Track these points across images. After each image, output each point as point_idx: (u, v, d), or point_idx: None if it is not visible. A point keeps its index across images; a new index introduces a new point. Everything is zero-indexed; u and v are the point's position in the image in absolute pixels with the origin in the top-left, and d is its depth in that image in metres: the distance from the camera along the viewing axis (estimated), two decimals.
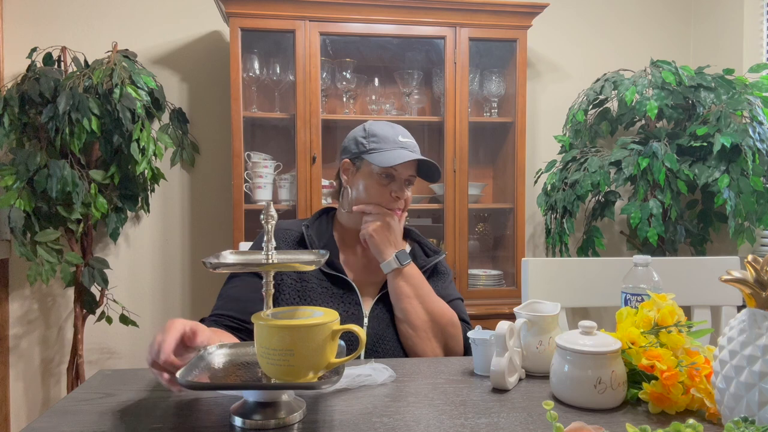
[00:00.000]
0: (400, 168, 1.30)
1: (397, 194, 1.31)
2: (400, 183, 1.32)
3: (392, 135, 1.32)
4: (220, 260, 0.87)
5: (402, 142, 1.31)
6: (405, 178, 1.33)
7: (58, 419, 0.84)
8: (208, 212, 2.62)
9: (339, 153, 1.41)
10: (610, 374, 0.87)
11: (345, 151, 1.37)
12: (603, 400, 0.87)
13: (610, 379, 0.87)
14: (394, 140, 1.31)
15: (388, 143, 1.31)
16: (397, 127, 1.35)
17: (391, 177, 1.31)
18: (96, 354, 2.55)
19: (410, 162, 1.30)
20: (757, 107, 2.16)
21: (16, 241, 2.18)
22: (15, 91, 2.20)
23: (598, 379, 0.87)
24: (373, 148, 1.31)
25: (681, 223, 2.33)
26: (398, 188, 1.31)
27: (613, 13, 2.89)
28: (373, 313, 1.28)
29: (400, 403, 0.91)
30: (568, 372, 0.89)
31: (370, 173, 1.31)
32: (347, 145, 1.37)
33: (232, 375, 0.87)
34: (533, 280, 1.50)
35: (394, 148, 1.30)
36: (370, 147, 1.31)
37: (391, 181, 1.31)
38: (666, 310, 0.97)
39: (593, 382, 0.87)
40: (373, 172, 1.31)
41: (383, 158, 1.29)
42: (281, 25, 2.26)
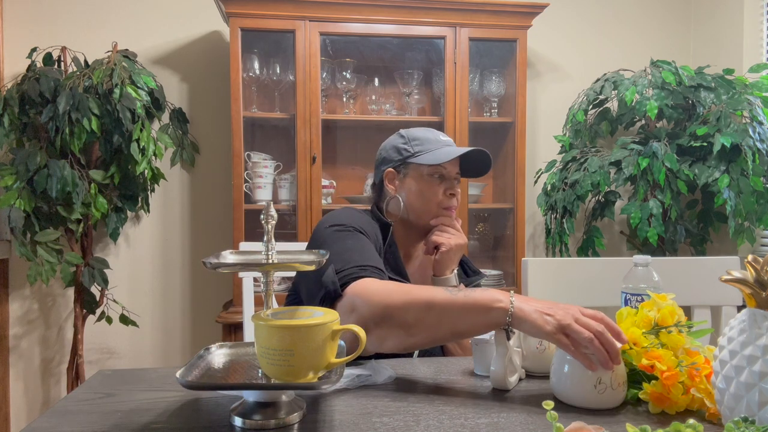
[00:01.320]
0: (449, 166, 1.30)
1: (452, 191, 1.31)
2: (451, 181, 1.32)
3: (433, 135, 1.33)
4: (220, 260, 0.87)
5: (444, 140, 1.32)
6: (453, 176, 1.33)
7: (58, 419, 0.84)
8: (208, 212, 2.62)
9: (377, 165, 1.38)
10: (611, 374, 0.87)
11: (385, 162, 1.34)
12: (603, 400, 0.87)
13: (611, 380, 0.86)
14: (436, 140, 1.32)
15: (432, 143, 1.31)
16: (433, 129, 1.37)
17: (442, 176, 1.31)
18: (96, 354, 2.55)
19: (455, 159, 1.30)
20: (757, 107, 2.16)
21: (16, 241, 2.18)
22: (15, 91, 2.20)
23: (599, 379, 0.87)
24: (418, 150, 1.30)
25: (681, 223, 2.33)
26: (451, 186, 1.31)
27: (613, 13, 2.89)
28: None
29: (400, 403, 0.91)
30: (568, 372, 0.89)
31: (420, 176, 1.30)
32: (387, 155, 1.34)
33: (232, 375, 0.87)
34: (533, 280, 1.50)
35: (440, 147, 1.30)
36: (415, 150, 1.31)
37: (442, 180, 1.31)
38: (666, 311, 0.97)
39: (593, 383, 0.87)
40: (423, 174, 1.30)
41: (433, 157, 1.27)
42: (281, 25, 2.26)
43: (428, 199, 1.30)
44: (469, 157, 1.32)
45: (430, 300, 0.95)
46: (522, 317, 0.90)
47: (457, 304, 0.94)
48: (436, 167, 1.29)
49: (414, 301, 0.96)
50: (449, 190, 1.31)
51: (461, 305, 0.93)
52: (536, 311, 0.89)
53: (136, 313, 2.53)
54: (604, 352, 0.84)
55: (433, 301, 0.94)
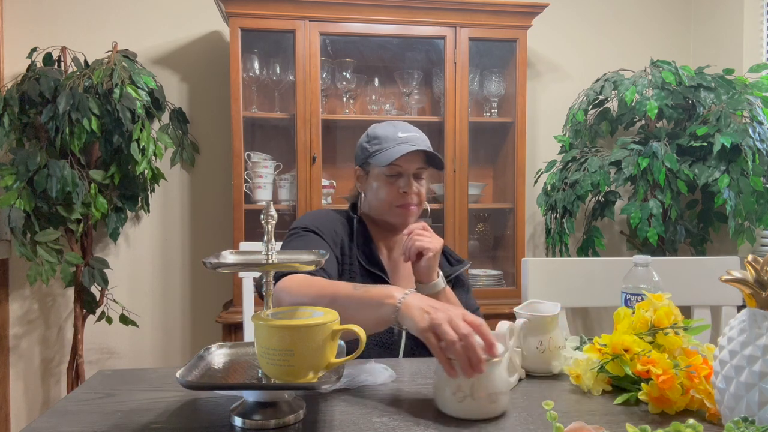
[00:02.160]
0: (404, 163, 1.31)
1: (404, 189, 1.32)
2: (407, 178, 1.32)
3: (392, 133, 1.34)
4: (220, 260, 0.87)
5: (402, 137, 1.32)
6: (412, 172, 1.33)
7: (58, 419, 0.84)
8: (208, 212, 2.62)
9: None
10: (471, 383, 0.82)
11: (356, 159, 1.41)
12: (461, 408, 0.83)
13: (471, 389, 0.82)
14: (394, 138, 1.32)
15: (388, 142, 1.32)
16: (399, 124, 1.37)
17: (398, 174, 1.33)
18: (96, 354, 2.55)
19: (415, 155, 1.31)
20: (757, 107, 2.16)
21: (16, 241, 2.18)
22: (15, 91, 2.20)
23: (458, 386, 0.83)
24: (375, 150, 1.33)
25: (681, 223, 2.33)
26: (405, 183, 1.32)
27: (613, 13, 2.89)
28: None
29: (400, 403, 0.91)
30: (436, 375, 0.87)
31: (378, 175, 1.34)
32: (356, 153, 1.41)
33: (232, 375, 0.87)
34: (533, 280, 1.50)
35: (395, 145, 1.31)
36: (373, 150, 1.34)
37: (398, 178, 1.33)
38: (662, 311, 0.97)
39: (453, 389, 0.83)
40: (380, 174, 1.33)
41: (384, 157, 1.30)
42: (281, 25, 2.26)
43: (382, 197, 1.34)
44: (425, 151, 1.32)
45: (334, 294, 1.01)
46: (405, 313, 0.91)
47: (355, 299, 0.98)
48: (390, 166, 1.31)
49: (321, 296, 1.02)
50: (402, 188, 1.32)
51: (358, 300, 0.98)
52: (419, 308, 0.90)
53: (136, 313, 2.53)
54: (465, 358, 0.81)
55: (337, 296, 1.00)
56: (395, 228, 1.38)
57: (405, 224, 1.35)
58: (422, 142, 1.34)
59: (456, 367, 0.82)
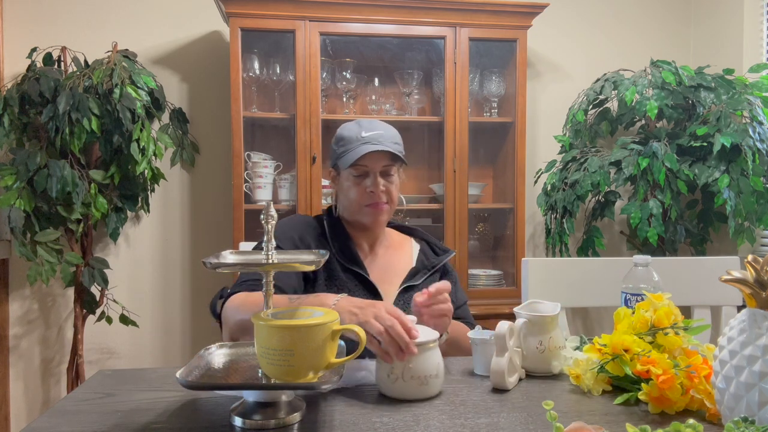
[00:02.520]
0: (369, 163, 1.31)
1: (371, 189, 1.32)
2: (373, 177, 1.32)
3: (356, 133, 1.33)
4: (220, 260, 0.87)
5: (365, 137, 1.32)
6: (379, 170, 1.33)
7: (58, 419, 0.84)
8: (208, 212, 2.62)
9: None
10: (403, 366, 0.91)
11: (330, 161, 1.42)
12: (394, 389, 0.92)
13: (402, 372, 0.91)
14: (357, 138, 1.32)
15: (352, 143, 1.32)
16: (363, 123, 1.36)
17: (365, 174, 1.33)
18: (96, 354, 2.55)
19: (380, 154, 1.30)
20: (757, 107, 2.16)
21: (16, 241, 2.18)
22: (15, 91, 2.20)
23: (391, 368, 0.92)
24: (342, 151, 1.34)
25: (681, 223, 2.33)
26: (371, 183, 1.32)
27: (613, 13, 2.89)
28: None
29: (400, 403, 0.91)
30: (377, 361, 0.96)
31: (347, 176, 1.34)
32: (330, 155, 1.41)
33: (232, 375, 0.87)
34: (533, 280, 1.50)
35: (358, 146, 1.31)
36: (339, 152, 1.34)
37: (365, 177, 1.33)
38: (662, 311, 0.97)
39: (387, 372, 0.93)
40: (349, 174, 1.34)
41: (348, 158, 1.31)
42: (281, 25, 2.26)
43: (352, 198, 1.34)
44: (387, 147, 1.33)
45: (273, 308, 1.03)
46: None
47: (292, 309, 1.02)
48: (356, 167, 1.32)
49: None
50: (368, 188, 1.32)
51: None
52: (348, 311, 0.98)
53: (136, 313, 2.52)
54: (395, 344, 0.91)
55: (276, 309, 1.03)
56: (369, 227, 1.38)
57: (377, 223, 1.35)
58: (387, 139, 1.33)
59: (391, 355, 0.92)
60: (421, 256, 1.43)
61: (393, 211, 1.39)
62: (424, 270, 1.39)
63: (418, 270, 1.39)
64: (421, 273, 1.38)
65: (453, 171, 2.39)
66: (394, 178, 1.36)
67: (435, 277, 1.40)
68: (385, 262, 1.40)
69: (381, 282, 1.34)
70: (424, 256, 1.43)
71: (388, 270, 1.38)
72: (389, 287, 1.35)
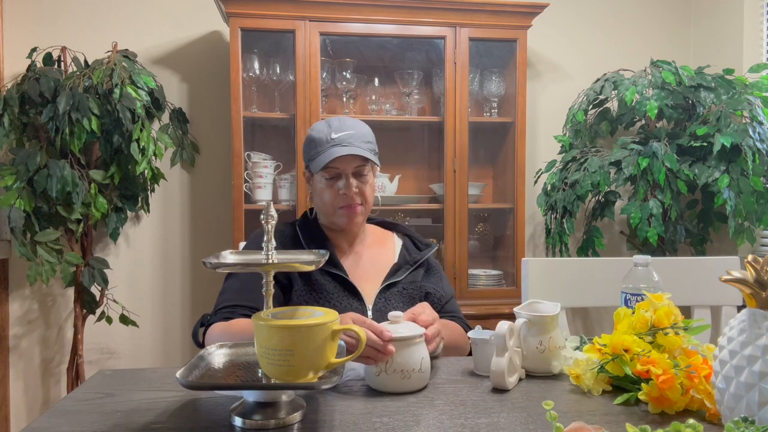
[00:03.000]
0: (340, 164, 1.29)
1: (343, 191, 1.30)
2: (345, 179, 1.30)
3: (325, 134, 1.30)
4: (220, 260, 0.87)
5: (334, 138, 1.29)
6: (351, 172, 1.30)
7: (58, 419, 0.84)
8: (208, 212, 2.62)
9: None
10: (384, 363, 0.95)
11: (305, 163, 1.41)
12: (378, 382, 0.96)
13: (385, 366, 0.95)
14: (327, 140, 1.29)
15: (321, 145, 1.30)
16: (333, 123, 1.33)
17: (337, 176, 1.31)
18: (96, 354, 2.55)
19: (351, 155, 1.28)
20: (757, 107, 2.16)
21: (16, 241, 2.18)
22: (15, 91, 2.20)
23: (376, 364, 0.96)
24: (313, 154, 1.31)
25: (681, 223, 2.33)
26: (343, 185, 1.30)
27: (613, 13, 2.89)
28: (376, 307, 1.30)
29: (400, 403, 0.91)
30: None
31: (319, 178, 1.33)
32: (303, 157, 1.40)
33: (232, 375, 0.87)
34: (533, 280, 1.50)
35: (327, 148, 1.28)
36: (311, 154, 1.32)
37: (337, 179, 1.31)
38: (662, 311, 0.97)
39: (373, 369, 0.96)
40: (321, 177, 1.32)
41: (318, 162, 1.29)
42: (281, 25, 2.26)
43: (326, 200, 1.33)
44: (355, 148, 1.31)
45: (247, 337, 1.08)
46: None
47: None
48: (327, 169, 1.29)
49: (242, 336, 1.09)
50: (341, 190, 1.30)
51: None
52: None
53: (136, 313, 2.52)
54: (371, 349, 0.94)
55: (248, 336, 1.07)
56: (344, 229, 1.36)
57: (352, 224, 1.33)
58: (357, 139, 1.30)
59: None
60: (403, 252, 1.41)
61: (368, 211, 1.37)
62: (407, 265, 1.37)
63: (401, 266, 1.37)
64: (404, 269, 1.36)
65: (453, 171, 2.39)
66: (367, 178, 1.33)
67: (418, 272, 1.38)
68: (366, 260, 1.39)
69: (362, 281, 1.33)
70: (406, 251, 1.41)
71: (369, 268, 1.37)
72: (371, 285, 1.33)
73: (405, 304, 1.32)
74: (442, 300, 1.38)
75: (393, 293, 1.32)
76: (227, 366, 0.91)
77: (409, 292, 1.34)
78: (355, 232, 1.39)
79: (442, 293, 1.38)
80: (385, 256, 1.40)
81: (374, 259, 1.39)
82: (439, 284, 1.40)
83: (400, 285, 1.34)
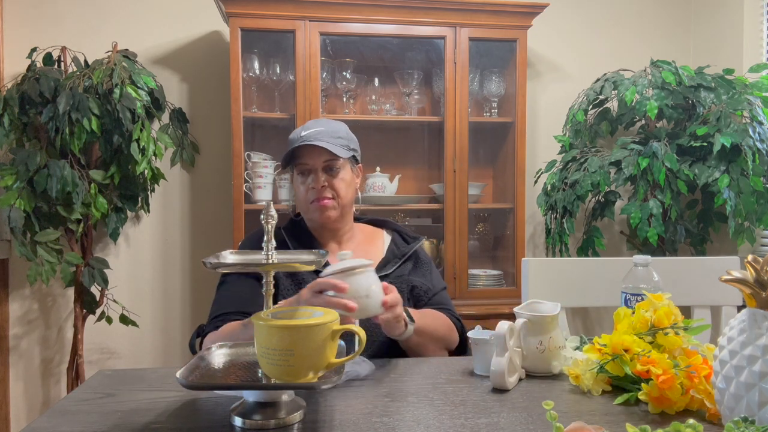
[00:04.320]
0: (308, 160, 1.31)
1: (312, 185, 1.32)
2: (315, 174, 1.32)
3: (297, 133, 1.33)
4: (220, 260, 0.87)
5: (303, 136, 1.31)
6: (321, 167, 1.32)
7: (58, 419, 0.84)
8: (208, 212, 2.62)
9: None
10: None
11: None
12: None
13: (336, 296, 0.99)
14: (297, 137, 1.32)
15: (293, 143, 1.32)
16: (309, 123, 1.37)
17: (306, 172, 1.33)
18: (96, 354, 2.55)
19: (318, 150, 1.29)
20: (757, 107, 2.16)
21: (16, 241, 2.18)
22: (15, 91, 2.20)
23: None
24: (286, 154, 1.33)
25: (681, 223, 2.33)
26: (312, 180, 1.32)
27: (613, 13, 2.89)
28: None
29: (400, 403, 0.91)
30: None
31: (296, 176, 1.36)
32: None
33: (232, 375, 0.87)
34: (533, 280, 1.50)
35: (295, 145, 1.31)
36: (285, 154, 1.34)
37: (308, 175, 1.33)
38: (662, 311, 0.97)
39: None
40: (296, 175, 1.35)
41: (286, 159, 1.32)
42: (281, 25, 2.26)
43: (300, 197, 1.36)
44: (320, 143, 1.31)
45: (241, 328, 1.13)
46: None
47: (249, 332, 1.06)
48: (297, 165, 1.33)
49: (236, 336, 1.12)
50: (310, 185, 1.32)
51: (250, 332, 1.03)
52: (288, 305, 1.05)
53: (136, 313, 2.52)
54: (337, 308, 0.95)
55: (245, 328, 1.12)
56: (320, 224, 1.38)
57: (325, 218, 1.34)
58: (326, 135, 1.31)
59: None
60: (391, 246, 1.43)
61: (342, 206, 1.36)
62: (395, 259, 1.39)
63: (389, 260, 1.39)
64: (392, 263, 1.38)
65: (453, 171, 2.39)
66: (339, 172, 1.33)
67: (406, 265, 1.40)
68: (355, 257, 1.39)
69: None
70: (394, 245, 1.43)
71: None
72: None
73: None
74: (429, 293, 1.39)
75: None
76: (227, 366, 0.91)
77: (397, 286, 1.34)
78: (335, 228, 1.39)
79: (428, 286, 1.39)
80: (374, 253, 1.41)
81: (363, 255, 1.39)
82: (427, 277, 1.41)
83: (387, 280, 1.34)
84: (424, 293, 1.38)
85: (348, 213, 1.40)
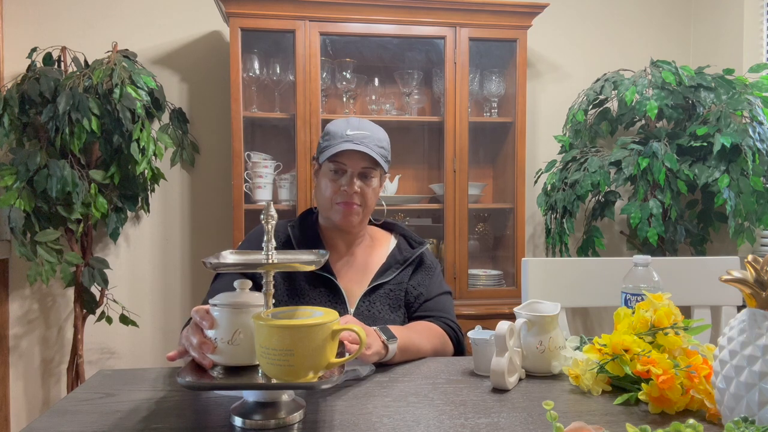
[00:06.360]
0: (348, 161, 1.29)
1: (345, 187, 1.29)
2: (349, 176, 1.30)
3: (342, 129, 1.31)
4: (220, 260, 0.87)
5: (349, 135, 1.29)
6: (358, 171, 1.30)
7: (58, 419, 0.84)
8: (208, 212, 2.62)
9: None
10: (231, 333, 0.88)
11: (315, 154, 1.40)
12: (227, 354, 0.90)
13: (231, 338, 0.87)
14: (342, 134, 1.30)
15: (336, 138, 1.30)
16: (352, 121, 1.33)
17: (342, 171, 1.30)
18: (96, 354, 2.55)
19: (362, 155, 1.28)
20: (757, 107, 2.16)
21: (16, 241, 2.18)
22: (15, 91, 2.20)
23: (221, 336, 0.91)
24: (325, 146, 1.31)
25: (681, 223, 2.33)
26: (346, 182, 1.30)
27: (613, 13, 2.89)
28: (358, 311, 1.30)
29: (400, 403, 0.91)
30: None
31: (325, 171, 1.32)
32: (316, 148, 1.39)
33: (232, 375, 0.87)
34: (533, 280, 1.50)
35: (340, 142, 1.28)
36: (323, 145, 1.32)
37: (342, 175, 1.31)
38: (662, 311, 0.97)
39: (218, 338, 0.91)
40: (327, 170, 1.32)
41: (327, 153, 1.29)
42: (281, 25, 2.26)
43: (326, 193, 1.32)
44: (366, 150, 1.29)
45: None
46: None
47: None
48: (334, 162, 1.29)
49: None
50: (344, 186, 1.30)
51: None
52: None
53: (136, 313, 2.53)
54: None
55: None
56: (339, 226, 1.35)
57: (346, 223, 1.32)
58: (372, 141, 1.29)
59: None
60: (394, 251, 1.39)
61: (366, 215, 1.35)
62: (396, 265, 1.36)
63: (390, 265, 1.35)
64: (393, 268, 1.35)
65: (453, 171, 2.39)
66: (372, 181, 1.32)
67: (407, 271, 1.37)
68: (360, 261, 1.38)
69: (352, 282, 1.33)
70: (398, 250, 1.39)
71: (360, 270, 1.36)
72: (359, 287, 1.33)
73: (389, 306, 1.31)
74: (420, 298, 1.35)
75: (379, 295, 1.32)
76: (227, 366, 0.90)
77: (395, 293, 1.33)
78: (351, 232, 1.37)
79: (421, 291, 1.36)
80: (377, 257, 1.39)
81: (366, 260, 1.38)
82: (425, 282, 1.37)
83: (387, 286, 1.33)
84: (414, 299, 1.35)
85: (366, 219, 1.38)
